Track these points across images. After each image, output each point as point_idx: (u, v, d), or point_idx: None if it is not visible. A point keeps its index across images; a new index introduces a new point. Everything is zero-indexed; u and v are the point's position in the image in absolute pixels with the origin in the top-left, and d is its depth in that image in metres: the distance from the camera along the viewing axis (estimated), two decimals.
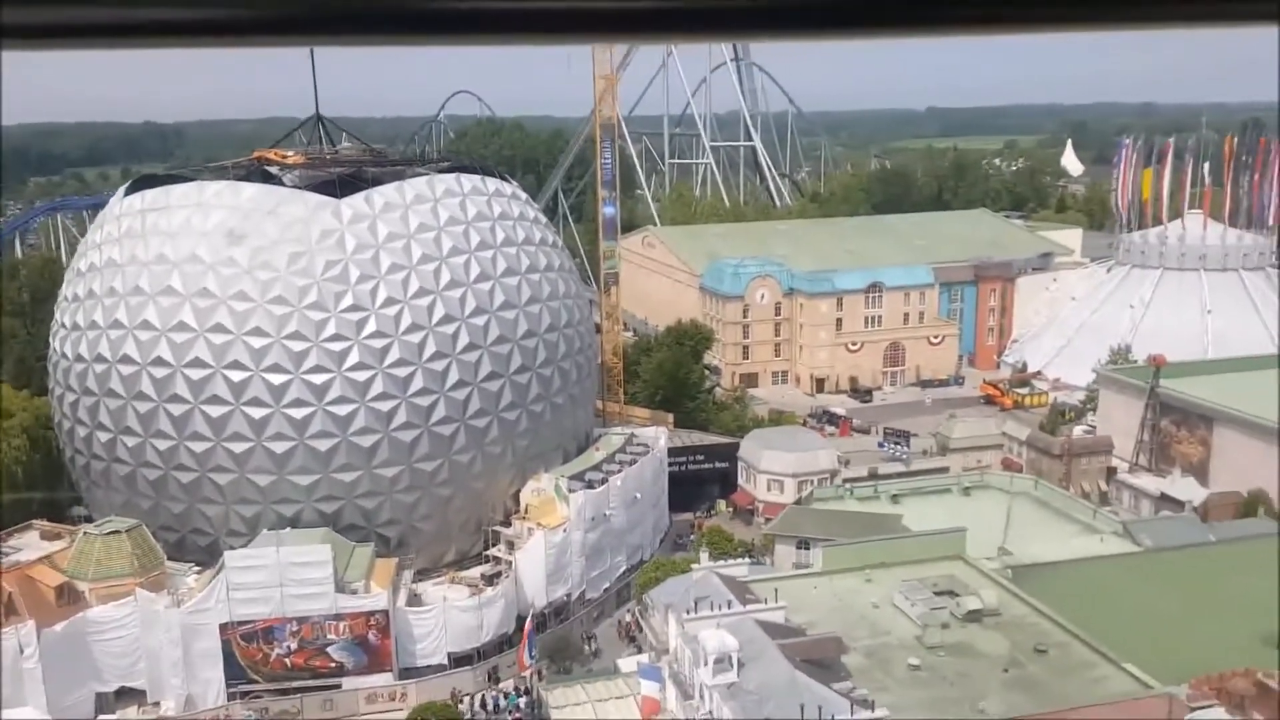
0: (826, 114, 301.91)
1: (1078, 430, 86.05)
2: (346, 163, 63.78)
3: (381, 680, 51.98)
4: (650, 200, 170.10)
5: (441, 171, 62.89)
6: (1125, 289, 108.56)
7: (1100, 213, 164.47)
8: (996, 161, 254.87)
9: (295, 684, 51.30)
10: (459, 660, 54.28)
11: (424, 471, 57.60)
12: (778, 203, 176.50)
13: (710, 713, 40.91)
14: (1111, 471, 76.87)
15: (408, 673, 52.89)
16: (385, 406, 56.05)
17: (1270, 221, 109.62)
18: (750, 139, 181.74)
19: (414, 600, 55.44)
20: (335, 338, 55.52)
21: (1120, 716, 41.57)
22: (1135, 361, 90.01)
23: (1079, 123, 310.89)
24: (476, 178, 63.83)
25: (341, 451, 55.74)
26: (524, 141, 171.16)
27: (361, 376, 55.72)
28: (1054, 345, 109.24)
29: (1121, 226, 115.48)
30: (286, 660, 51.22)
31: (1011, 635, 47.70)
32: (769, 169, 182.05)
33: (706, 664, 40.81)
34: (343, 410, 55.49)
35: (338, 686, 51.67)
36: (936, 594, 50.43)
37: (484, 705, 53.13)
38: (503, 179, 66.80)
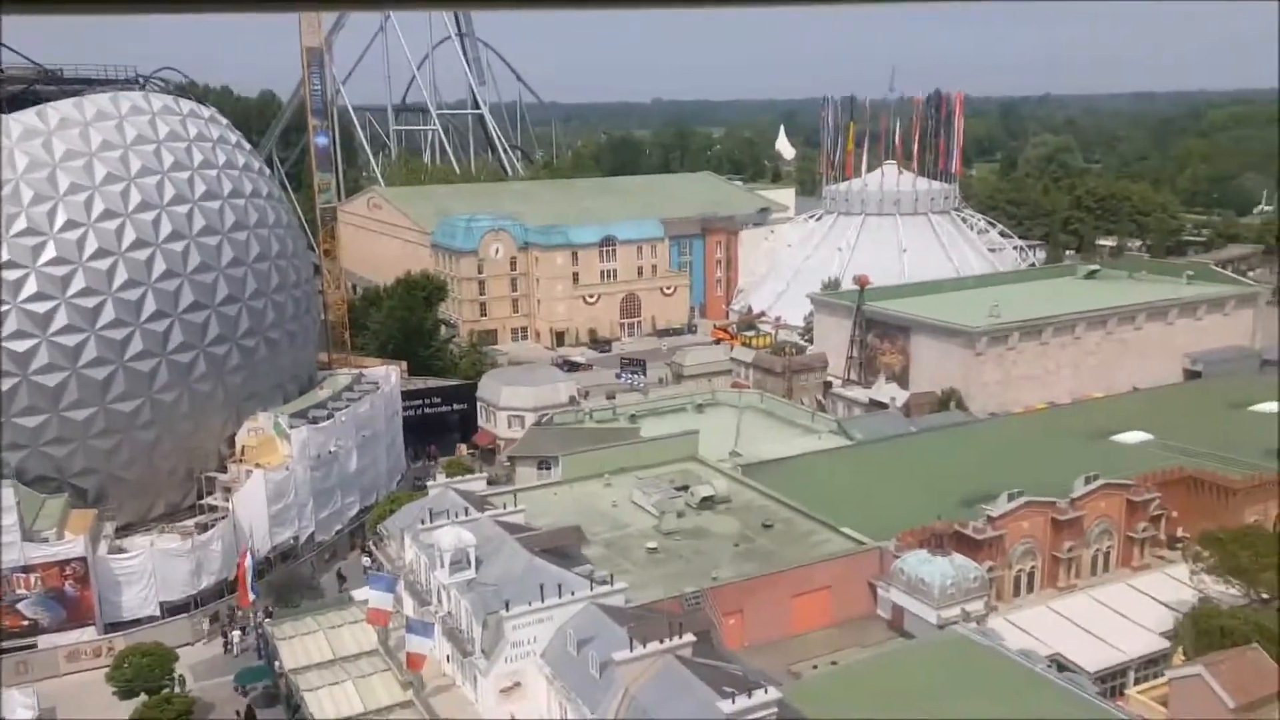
0: (555, 105, 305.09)
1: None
2: (16, 80, 56.76)
3: (84, 636, 46.84)
4: (379, 175, 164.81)
5: (127, 90, 57.28)
6: (834, 234, 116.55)
7: (810, 182, 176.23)
8: (717, 146, 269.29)
9: None
10: (174, 610, 49.89)
11: (121, 413, 52.31)
12: (510, 172, 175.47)
13: (449, 612, 39.71)
14: (827, 386, 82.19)
15: (116, 627, 48.00)
16: (71, 341, 50.37)
17: (953, 172, 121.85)
18: (479, 108, 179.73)
19: (117, 550, 50.37)
20: (8, 264, 49.28)
21: (839, 569, 44.53)
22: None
23: (791, 113, 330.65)
24: (168, 97, 58.63)
25: (22, 393, 49.63)
26: (233, 107, 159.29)
27: (41, 308, 49.81)
28: (775, 290, 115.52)
29: (826, 178, 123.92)
30: None
31: (741, 517, 49.86)
32: (499, 140, 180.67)
33: (443, 565, 39.52)
34: (21, 346, 49.38)
35: (33, 646, 46.11)
36: (674, 488, 51.86)
37: (241, 629, 50.48)
38: (200, 102, 61.85)
